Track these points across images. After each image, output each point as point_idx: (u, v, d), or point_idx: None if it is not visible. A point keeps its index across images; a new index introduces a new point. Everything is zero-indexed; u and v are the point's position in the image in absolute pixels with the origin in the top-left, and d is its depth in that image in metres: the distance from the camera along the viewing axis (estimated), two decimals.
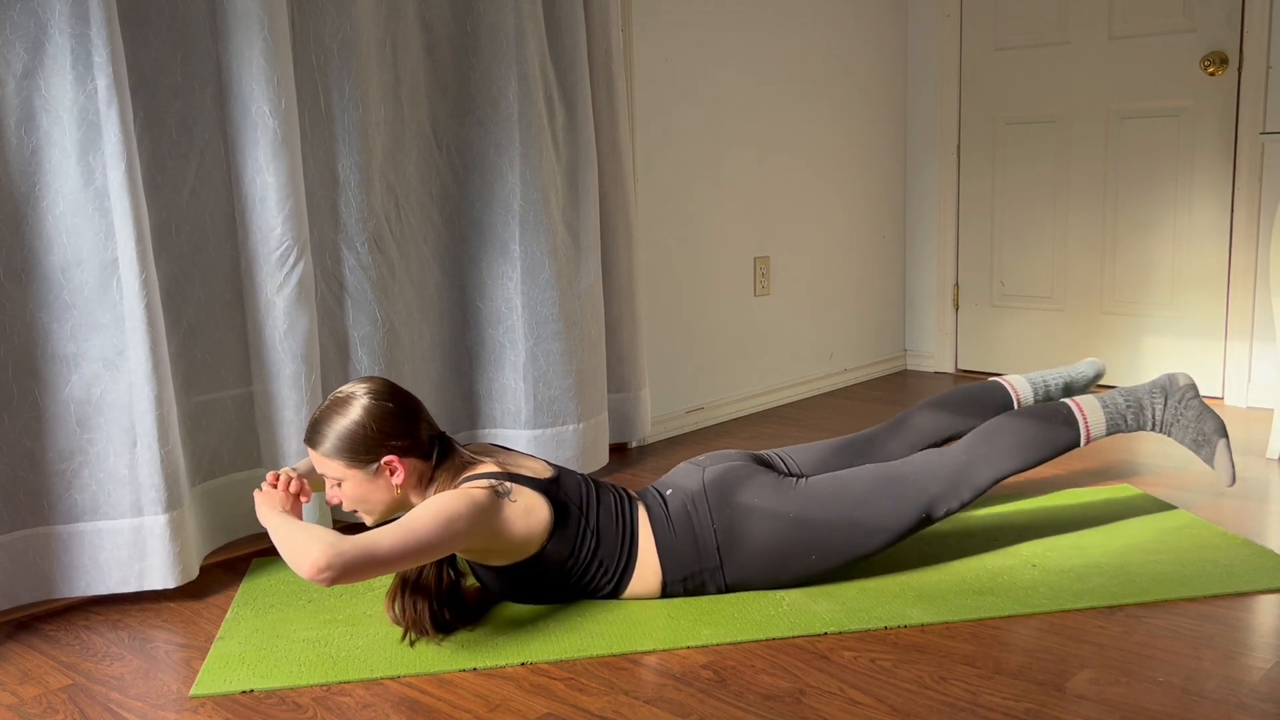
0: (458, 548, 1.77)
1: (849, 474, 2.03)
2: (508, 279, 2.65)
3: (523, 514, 1.83)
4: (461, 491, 1.78)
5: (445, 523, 1.72)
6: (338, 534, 1.66)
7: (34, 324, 1.95)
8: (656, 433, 3.27)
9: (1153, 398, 2.07)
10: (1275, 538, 2.24)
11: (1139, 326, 3.75)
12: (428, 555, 1.72)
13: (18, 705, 1.66)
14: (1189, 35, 3.51)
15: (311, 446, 1.83)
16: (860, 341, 4.13)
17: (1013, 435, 2.06)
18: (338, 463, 1.81)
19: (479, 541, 1.79)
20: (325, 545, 1.62)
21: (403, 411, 1.85)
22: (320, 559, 1.61)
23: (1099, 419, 2.06)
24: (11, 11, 1.87)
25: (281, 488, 1.83)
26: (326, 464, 1.82)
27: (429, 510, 1.73)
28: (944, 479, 2.00)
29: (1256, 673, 1.63)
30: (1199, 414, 2.15)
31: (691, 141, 3.33)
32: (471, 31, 2.60)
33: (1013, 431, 2.06)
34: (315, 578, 1.61)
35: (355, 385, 1.85)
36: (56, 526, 1.99)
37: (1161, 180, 3.63)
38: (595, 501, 1.93)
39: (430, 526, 1.71)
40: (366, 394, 1.83)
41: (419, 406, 1.89)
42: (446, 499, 1.75)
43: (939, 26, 4.08)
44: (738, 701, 1.60)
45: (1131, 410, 2.06)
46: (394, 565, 1.69)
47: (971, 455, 2.04)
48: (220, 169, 2.23)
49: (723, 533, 1.94)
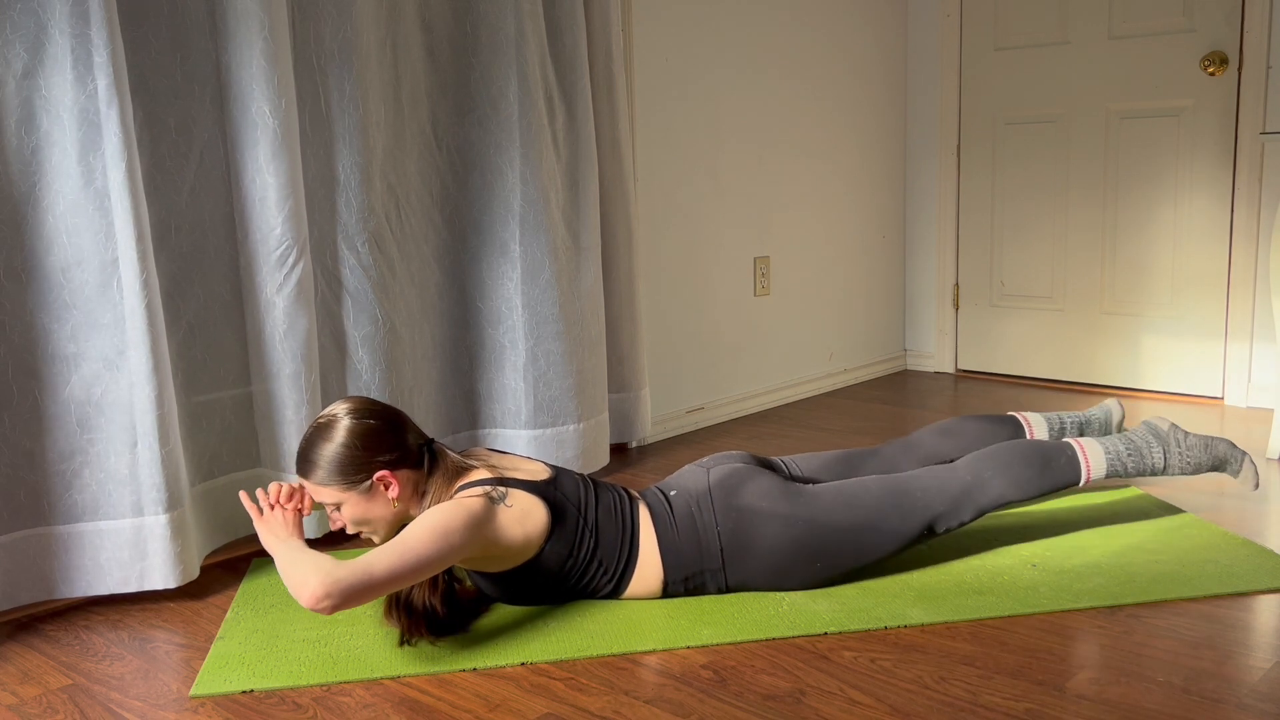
0: (456, 559, 1.76)
1: (857, 484, 2.03)
2: (508, 279, 2.65)
3: (519, 518, 1.82)
4: (455, 503, 1.78)
5: (441, 537, 1.71)
6: (335, 561, 1.66)
7: (34, 324, 1.95)
8: (656, 433, 3.27)
9: (1150, 446, 2.13)
10: (1275, 538, 2.24)
11: (1139, 326, 3.75)
12: (427, 571, 1.72)
13: (18, 705, 1.66)
14: (1189, 35, 3.51)
15: (304, 477, 1.83)
16: (860, 341, 4.13)
17: (1018, 467, 2.07)
18: (331, 488, 1.81)
19: (477, 550, 1.79)
20: (322, 574, 1.62)
21: (387, 426, 1.84)
22: (318, 588, 1.61)
23: (1100, 462, 2.11)
24: (11, 11, 1.87)
25: (274, 498, 1.83)
26: (321, 492, 1.82)
27: (423, 526, 1.73)
28: (949, 497, 2.02)
29: (1256, 673, 1.63)
30: (1205, 443, 2.18)
31: (691, 141, 3.33)
32: (471, 31, 2.60)
33: (1018, 463, 2.08)
34: (315, 607, 1.61)
35: (336, 407, 1.85)
36: (57, 527, 1.99)
37: (1161, 180, 3.63)
38: (594, 501, 1.93)
39: (426, 542, 1.70)
40: (347, 414, 1.82)
41: (402, 417, 1.89)
42: (440, 512, 1.75)
43: (939, 26, 4.08)
44: (738, 701, 1.60)
45: (1132, 458, 2.12)
46: (393, 585, 1.69)
47: (977, 477, 2.05)
48: (220, 169, 2.23)
49: (727, 534, 1.93)
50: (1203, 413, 3.43)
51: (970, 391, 3.89)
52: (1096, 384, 3.87)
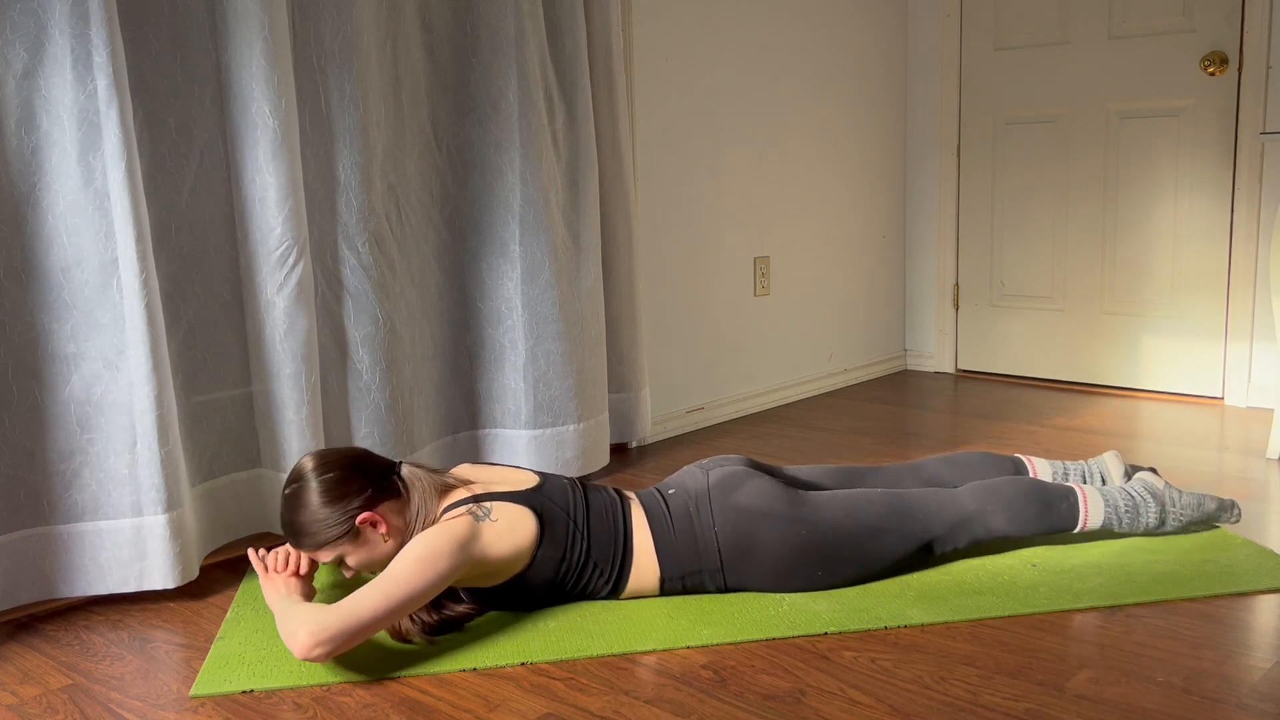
0: (446, 585, 1.76)
1: (860, 494, 2.04)
2: (508, 279, 2.65)
3: (506, 531, 1.82)
4: (437, 529, 1.77)
5: (427, 566, 1.72)
6: (321, 608, 1.68)
7: (34, 324, 1.95)
8: (656, 433, 3.27)
9: (1147, 505, 2.17)
10: (1275, 538, 2.24)
11: (1139, 326, 3.75)
12: (418, 602, 1.72)
13: (18, 705, 1.66)
14: (1189, 35, 3.51)
15: (297, 548, 1.86)
16: (860, 341, 4.13)
17: (1020, 504, 2.09)
18: (326, 550, 1.84)
19: (468, 570, 1.79)
20: (308, 627, 1.64)
21: (349, 471, 1.85)
22: (307, 639, 1.63)
23: (1099, 514, 2.14)
24: (11, 11, 1.87)
25: (274, 566, 1.86)
26: (320, 555, 1.85)
27: (408, 558, 1.73)
28: (950, 522, 2.04)
29: (1256, 673, 1.63)
30: (1198, 502, 2.22)
31: (691, 141, 3.33)
32: (471, 31, 2.60)
33: (1020, 501, 2.09)
34: (308, 657, 1.64)
35: (297, 469, 1.86)
36: (56, 526, 1.99)
37: (1161, 180, 3.63)
38: (584, 504, 1.93)
39: (412, 575, 1.71)
40: (310, 475, 1.83)
41: (361, 454, 1.91)
42: (422, 542, 1.75)
43: (939, 26, 4.08)
44: (738, 701, 1.60)
45: (1128, 515, 2.16)
46: (384, 622, 1.70)
47: (980, 508, 2.06)
48: (220, 169, 2.23)
49: (725, 535, 1.93)
50: (1203, 413, 3.43)
51: (970, 391, 3.89)
52: (1096, 384, 3.87)
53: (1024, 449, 2.99)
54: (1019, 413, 3.50)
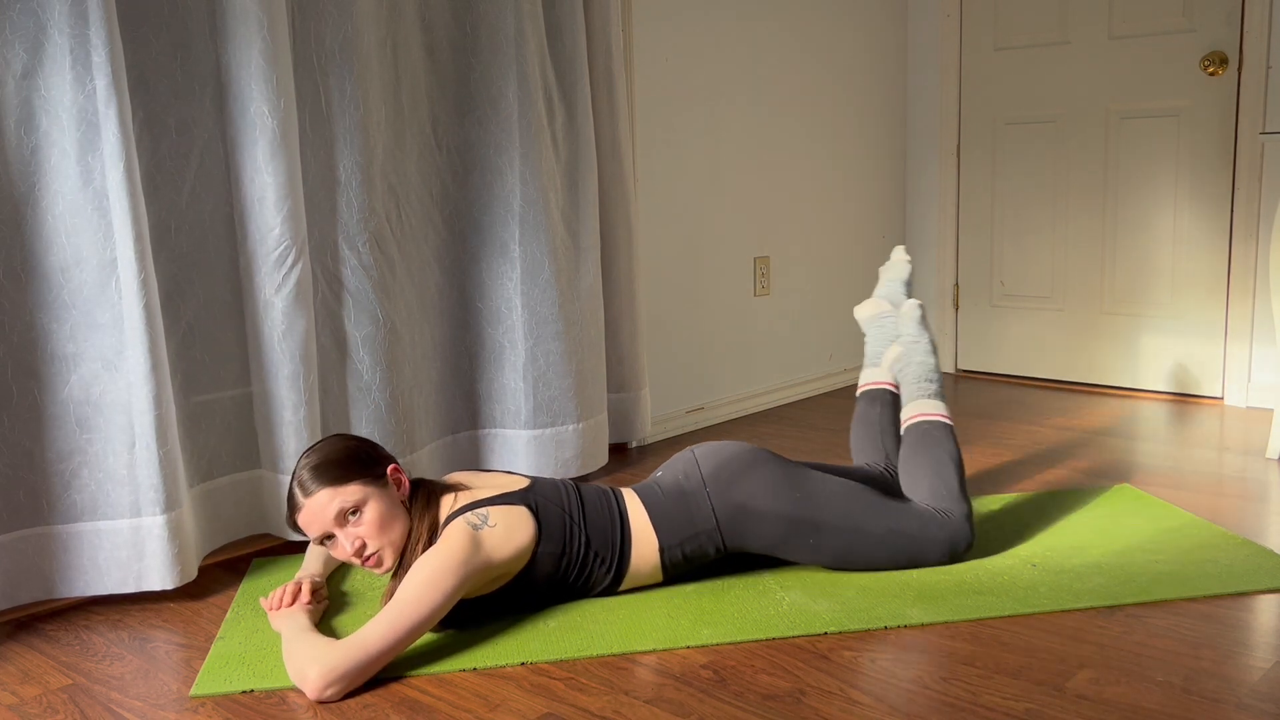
0: (455, 602, 1.75)
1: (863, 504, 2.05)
2: (508, 279, 2.65)
3: (506, 534, 1.82)
4: (438, 550, 1.76)
5: (434, 588, 1.71)
6: (331, 644, 1.66)
7: (33, 324, 1.95)
8: (656, 433, 3.27)
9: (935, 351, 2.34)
10: (1275, 538, 2.24)
11: (1139, 326, 3.75)
12: (426, 625, 1.71)
13: (18, 705, 1.66)
14: (1189, 35, 3.51)
15: (325, 485, 1.78)
16: (860, 341, 4.12)
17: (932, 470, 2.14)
18: (355, 484, 1.80)
19: (476, 582, 1.78)
20: (318, 667, 1.62)
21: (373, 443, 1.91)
22: (318, 682, 1.61)
23: (943, 406, 2.28)
24: (11, 11, 1.87)
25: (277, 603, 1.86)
26: (346, 491, 1.79)
27: (414, 581, 1.71)
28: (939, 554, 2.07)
29: (1256, 673, 1.63)
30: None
31: (691, 141, 3.33)
32: (471, 31, 2.60)
33: (930, 466, 2.15)
34: (320, 698, 1.62)
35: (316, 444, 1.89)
36: (56, 526, 1.99)
37: (1161, 180, 3.63)
38: (578, 498, 1.96)
39: (420, 598, 1.69)
40: (331, 437, 1.88)
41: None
42: (427, 565, 1.73)
43: (939, 26, 4.08)
44: (738, 701, 1.59)
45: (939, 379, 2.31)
46: (395, 651, 1.68)
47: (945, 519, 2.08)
48: (219, 169, 2.23)
49: (716, 490, 1.98)
50: (1203, 413, 3.43)
51: (970, 391, 3.89)
52: (1096, 384, 3.87)
53: (1024, 448, 2.99)
54: (1019, 413, 3.50)
